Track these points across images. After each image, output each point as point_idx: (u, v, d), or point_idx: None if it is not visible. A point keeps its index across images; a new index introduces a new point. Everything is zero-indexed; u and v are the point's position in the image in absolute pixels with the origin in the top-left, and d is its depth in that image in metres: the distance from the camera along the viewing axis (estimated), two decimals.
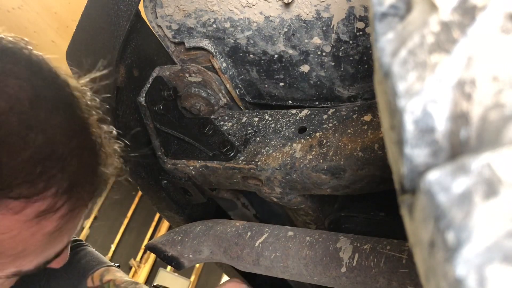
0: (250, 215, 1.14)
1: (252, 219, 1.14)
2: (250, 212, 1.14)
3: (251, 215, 1.14)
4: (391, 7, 0.26)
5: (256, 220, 1.15)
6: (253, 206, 1.14)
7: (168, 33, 0.89)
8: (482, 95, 0.21)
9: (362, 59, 0.77)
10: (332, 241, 0.73)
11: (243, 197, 1.11)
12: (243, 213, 1.14)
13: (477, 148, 0.21)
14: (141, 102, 0.84)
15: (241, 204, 1.12)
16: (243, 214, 1.14)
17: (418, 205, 0.22)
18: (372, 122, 0.73)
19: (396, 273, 0.64)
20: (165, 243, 0.90)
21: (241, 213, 1.14)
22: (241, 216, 1.14)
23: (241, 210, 1.13)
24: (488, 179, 0.19)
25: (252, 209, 1.14)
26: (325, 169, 0.72)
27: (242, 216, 1.14)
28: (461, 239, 0.18)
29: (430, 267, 0.21)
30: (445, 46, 0.23)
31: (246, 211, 1.14)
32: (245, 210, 1.14)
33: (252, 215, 1.15)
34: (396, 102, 0.23)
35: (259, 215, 1.16)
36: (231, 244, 0.82)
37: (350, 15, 0.71)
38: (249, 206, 1.13)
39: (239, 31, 0.82)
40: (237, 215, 1.15)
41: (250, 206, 1.13)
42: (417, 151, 0.23)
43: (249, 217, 1.14)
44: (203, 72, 0.89)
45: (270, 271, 0.79)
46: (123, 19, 0.74)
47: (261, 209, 1.16)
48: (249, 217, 1.14)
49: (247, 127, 0.88)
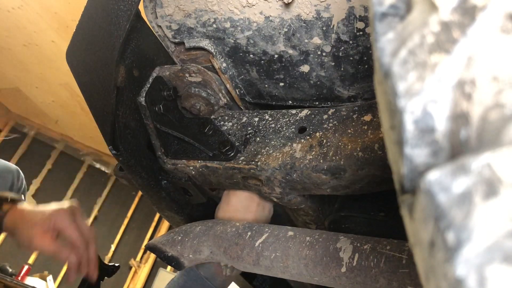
0: None
1: None
2: None
3: None
4: (391, 7, 0.26)
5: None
6: None
7: (168, 33, 0.89)
8: (482, 95, 0.21)
9: (362, 59, 0.77)
10: (332, 241, 0.73)
11: None
12: None
13: (477, 148, 0.21)
14: (141, 102, 0.84)
15: None
16: None
17: (418, 205, 0.22)
18: (372, 122, 0.73)
19: (396, 273, 0.64)
20: (165, 243, 0.90)
21: None
22: None
23: None
24: (488, 179, 0.19)
25: None
26: (325, 169, 0.72)
27: None
28: (461, 239, 0.18)
29: (430, 267, 0.21)
30: (445, 46, 0.23)
31: None
32: None
33: None
34: (396, 102, 0.23)
35: None
36: (231, 244, 0.82)
37: (350, 15, 0.71)
38: None
39: (239, 31, 0.82)
40: None
41: None
42: (417, 151, 0.23)
43: None
44: (203, 72, 0.89)
45: (270, 271, 0.79)
46: (123, 19, 0.73)
47: None
48: None
49: (247, 127, 0.88)
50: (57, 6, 2.84)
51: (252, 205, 0.94)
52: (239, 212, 0.93)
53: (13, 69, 3.77)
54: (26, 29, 3.17)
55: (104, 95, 0.79)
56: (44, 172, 4.53)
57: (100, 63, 0.78)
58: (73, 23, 0.82)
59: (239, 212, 0.93)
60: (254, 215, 0.93)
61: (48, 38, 3.21)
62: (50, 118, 4.50)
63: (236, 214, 0.93)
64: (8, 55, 3.58)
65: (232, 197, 0.95)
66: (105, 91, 0.78)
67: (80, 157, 4.87)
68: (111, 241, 4.57)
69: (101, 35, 0.77)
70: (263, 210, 0.96)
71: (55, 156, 4.71)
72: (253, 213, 0.93)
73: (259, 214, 0.94)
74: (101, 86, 0.79)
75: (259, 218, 0.94)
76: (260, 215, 0.95)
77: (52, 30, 3.10)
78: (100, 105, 0.80)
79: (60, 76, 3.56)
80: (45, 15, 2.96)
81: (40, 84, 3.87)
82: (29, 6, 2.90)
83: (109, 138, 0.80)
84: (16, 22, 3.12)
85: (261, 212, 0.95)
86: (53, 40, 3.21)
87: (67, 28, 3.00)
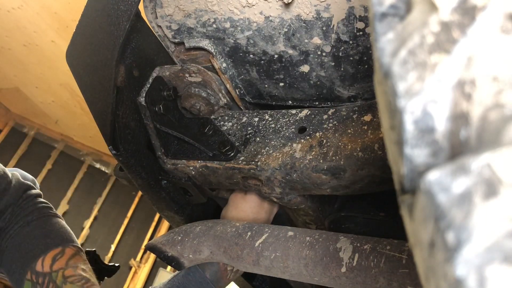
0: None
1: None
2: None
3: None
4: (391, 7, 0.26)
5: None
6: None
7: (168, 33, 0.89)
8: (482, 95, 0.21)
9: (362, 59, 0.77)
10: (332, 241, 0.73)
11: None
12: None
13: (477, 148, 0.21)
14: (141, 102, 0.84)
15: None
16: None
17: (418, 205, 0.22)
18: (372, 122, 0.73)
19: (396, 273, 0.64)
20: (165, 243, 0.90)
21: None
22: None
23: None
24: (488, 179, 0.19)
25: None
26: (325, 169, 0.72)
27: None
28: (461, 239, 0.18)
29: (430, 267, 0.21)
30: (445, 46, 0.23)
31: None
32: None
33: None
34: (396, 102, 0.23)
35: None
36: (231, 244, 0.82)
37: (350, 15, 0.71)
38: None
39: (239, 31, 0.82)
40: None
41: None
42: (417, 151, 0.23)
43: None
44: (203, 72, 0.89)
45: (270, 271, 0.79)
46: (123, 19, 0.73)
47: None
48: None
49: (247, 127, 0.88)
50: (57, 6, 2.84)
51: (261, 211, 0.95)
52: (248, 217, 0.93)
53: (13, 69, 3.77)
54: (26, 29, 3.17)
55: (104, 95, 0.79)
56: (44, 172, 4.53)
57: (100, 63, 0.78)
58: (73, 23, 0.82)
59: (248, 217, 0.93)
60: (263, 219, 0.94)
61: (48, 38, 3.21)
62: (50, 118, 4.50)
63: (247, 217, 0.93)
64: (8, 55, 3.58)
65: (241, 201, 0.95)
66: (105, 91, 0.78)
67: (80, 157, 4.87)
68: (111, 241, 4.57)
69: (101, 35, 0.77)
70: (271, 214, 0.98)
71: (55, 156, 4.72)
72: (262, 218, 0.94)
73: (266, 217, 0.96)
74: (101, 86, 0.79)
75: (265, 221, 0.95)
76: (268, 218, 0.96)
77: (52, 30, 3.10)
78: (100, 105, 0.80)
79: (60, 76, 3.56)
80: (45, 15, 2.96)
81: (40, 84, 3.87)
82: (29, 6, 2.91)
83: (109, 138, 0.80)
84: (16, 22, 3.12)
85: (269, 216, 0.97)
86: (53, 40, 3.21)
87: (67, 28, 3.00)
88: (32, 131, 4.67)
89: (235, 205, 0.95)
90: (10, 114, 4.59)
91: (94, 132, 4.31)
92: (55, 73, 3.59)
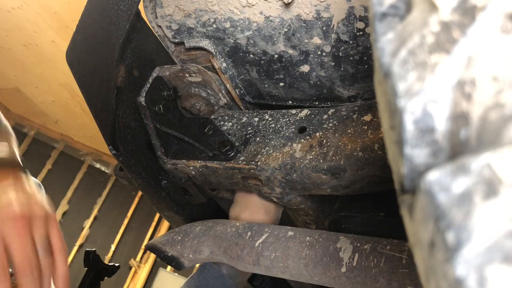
0: None
1: None
2: None
3: None
4: (391, 7, 0.26)
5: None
6: None
7: (168, 33, 0.89)
8: (482, 95, 0.21)
9: (362, 59, 0.77)
10: (332, 241, 0.73)
11: None
12: None
13: (477, 148, 0.21)
14: (141, 102, 0.84)
15: None
16: None
17: (418, 205, 0.22)
18: (372, 122, 0.73)
19: (396, 273, 0.64)
20: (165, 243, 0.90)
21: None
22: None
23: None
24: (488, 179, 0.19)
25: None
26: (325, 169, 0.72)
27: None
28: (461, 239, 0.18)
29: (430, 267, 0.21)
30: (445, 46, 0.23)
31: None
32: None
33: None
34: (396, 102, 0.23)
35: None
36: (231, 244, 0.82)
37: (350, 15, 0.71)
38: None
39: (239, 31, 0.82)
40: None
41: None
42: (417, 151, 0.23)
43: None
44: (203, 72, 0.89)
45: (270, 271, 0.79)
46: (123, 19, 0.73)
47: None
48: None
49: (247, 127, 0.88)
50: (57, 6, 2.84)
51: (270, 206, 0.95)
52: (260, 214, 0.94)
53: (13, 69, 3.77)
54: (26, 29, 3.17)
55: (104, 95, 0.79)
56: (44, 172, 4.53)
57: (100, 63, 0.78)
58: (73, 23, 0.82)
59: (260, 214, 0.94)
60: (271, 220, 0.95)
61: (48, 38, 3.21)
62: (50, 118, 4.50)
63: (260, 214, 0.94)
64: (8, 55, 3.58)
65: (249, 198, 0.95)
66: (105, 91, 0.78)
67: (80, 157, 4.87)
68: (111, 241, 4.57)
69: (101, 35, 0.77)
70: (280, 209, 0.99)
71: (55, 156, 4.72)
72: (271, 219, 0.95)
73: (278, 209, 0.97)
74: (101, 86, 0.79)
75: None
76: (279, 213, 0.98)
77: (52, 30, 3.10)
78: (100, 105, 0.80)
79: (60, 76, 3.56)
80: (45, 15, 2.96)
81: (40, 84, 3.87)
82: (29, 6, 2.90)
83: (109, 138, 0.80)
84: (16, 22, 3.12)
85: (279, 210, 0.98)
86: (53, 40, 3.21)
87: (67, 28, 3.00)
88: (32, 131, 4.67)
89: (246, 203, 0.95)
90: (10, 114, 4.60)
91: (94, 132, 4.31)
92: (55, 73, 3.59)
